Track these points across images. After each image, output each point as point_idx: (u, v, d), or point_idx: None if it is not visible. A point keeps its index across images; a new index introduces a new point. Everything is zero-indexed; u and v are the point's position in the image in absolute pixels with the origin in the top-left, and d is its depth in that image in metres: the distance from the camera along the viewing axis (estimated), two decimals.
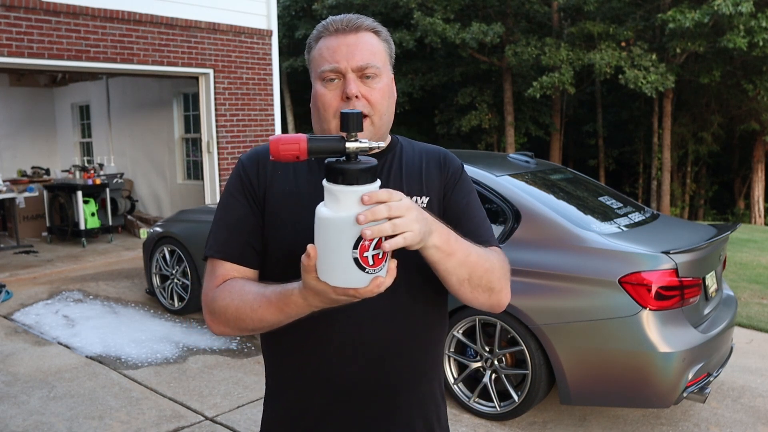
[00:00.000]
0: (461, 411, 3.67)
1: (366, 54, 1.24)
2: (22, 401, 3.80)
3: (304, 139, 0.98)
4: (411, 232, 0.99)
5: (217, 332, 1.26)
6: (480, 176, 3.82)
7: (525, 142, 18.58)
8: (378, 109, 1.26)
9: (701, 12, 12.57)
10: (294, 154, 0.97)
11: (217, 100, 8.13)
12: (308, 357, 1.28)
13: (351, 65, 1.23)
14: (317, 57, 1.27)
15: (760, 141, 17.29)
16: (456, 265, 1.14)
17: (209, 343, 4.83)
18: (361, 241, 0.95)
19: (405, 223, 0.98)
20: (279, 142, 0.97)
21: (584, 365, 3.29)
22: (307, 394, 1.29)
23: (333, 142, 0.99)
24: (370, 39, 1.27)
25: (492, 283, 1.22)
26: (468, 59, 17.38)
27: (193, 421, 3.58)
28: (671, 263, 3.21)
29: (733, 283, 6.53)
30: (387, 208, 0.96)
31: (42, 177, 10.50)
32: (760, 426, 3.56)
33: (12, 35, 6.26)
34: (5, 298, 5.92)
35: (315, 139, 0.99)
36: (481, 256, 1.20)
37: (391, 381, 1.28)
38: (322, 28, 1.29)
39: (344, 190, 0.96)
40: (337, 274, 0.98)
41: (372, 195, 0.96)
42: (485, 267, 1.20)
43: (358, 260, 0.96)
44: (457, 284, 1.18)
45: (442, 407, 1.41)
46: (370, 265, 0.98)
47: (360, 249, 0.96)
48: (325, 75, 1.25)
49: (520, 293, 3.42)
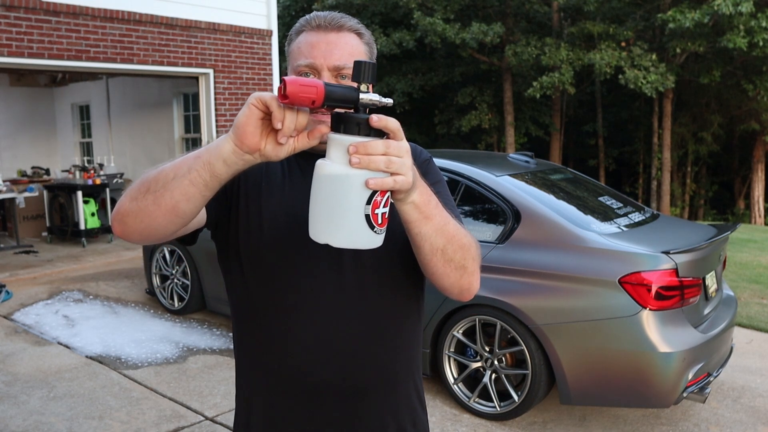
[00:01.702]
0: (461, 411, 3.67)
1: (345, 54, 1.21)
2: (22, 401, 3.80)
3: (321, 85, 0.93)
4: (404, 177, 0.95)
5: (114, 212, 1.10)
6: (480, 176, 3.82)
7: (525, 142, 18.56)
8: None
9: (701, 12, 12.56)
10: (311, 98, 0.92)
11: (217, 100, 8.13)
12: (276, 359, 1.25)
13: (327, 63, 1.20)
14: (295, 51, 1.24)
15: (760, 141, 17.29)
16: (432, 231, 1.08)
17: (209, 343, 4.83)
18: (375, 196, 0.93)
19: (400, 164, 0.94)
20: (297, 83, 0.91)
21: (584, 365, 3.29)
22: (276, 397, 1.27)
23: (349, 91, 0.96)
24: (351, 40, 1.23)
25: (466, 261, 1.15)
26: (468, 59, 17.37)
27: (193, 421, 3.58)
28: (671, 263, 3.21)
29: (733, 283, 6.53)
30: (384, 144, 0.93)
31: (42, 177, 10.50)
32: (760, 426, 3.56)
33: (12, 35, 6.26)
34: (5, 298, 5.92)
35: (331, 86, 0.95)
36: (459, 230, 1.13)
37: (359, 384, 1.25)
38: (305, 22, 1.26)
39: (360, 141, 0.93)
40: (344, 233, 0.95)
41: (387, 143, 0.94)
42: (462, 242, 1.14)
43: (369, 217, 0.93)
44: (430, 253, 1.11)
45: (419, 414, 1.36)
46: (379, 224, 0.95)
47: (372, 204, 0.93)
48: (300, 70, 1.22)
49: (520, 293, 3.42)
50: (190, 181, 1.01)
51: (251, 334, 1.29)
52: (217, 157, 0.99)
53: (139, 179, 1.08)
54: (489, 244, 3.60)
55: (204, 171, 1.00)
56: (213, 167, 0.99)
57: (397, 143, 0.95)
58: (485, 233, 3.68)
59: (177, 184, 1.01)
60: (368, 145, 0.92)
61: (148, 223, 1.06)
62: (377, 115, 0.94)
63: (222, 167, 0.99)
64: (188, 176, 1.01)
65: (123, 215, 1.08)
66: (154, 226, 1.07)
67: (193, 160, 1.01)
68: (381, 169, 0.93)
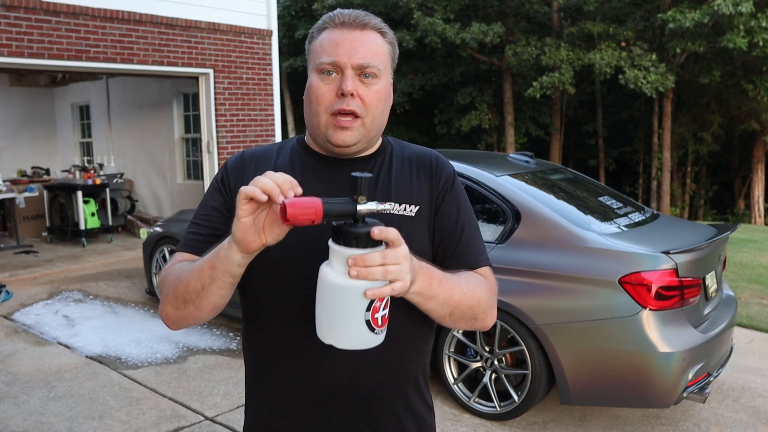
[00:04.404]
0: (461, 411, 3.67)
1: (369, 53, 1.20)
2: (22, 401, 3.80)
3: (320, 204, 0.98)
4: (401, 282, 1.00)
5: (163, 316, 1.21)
6: (480, 176, 3.82)
7: (525, 142, 18.57)
8: (371, 111, 1.21)
9: (701, 12, 12.57)
10: (310, 217, 0.98)
11: (217, 100, 8.13)
12: (286, 365, 1.24)
13: (351, 62, 1.18)
14: (317, 48, 1.22)
15: (760, 141, 17.29)
16: (436, 306, 1.15)
17: (209, 343, 4.83)
18: (374, 302, 0.99)
19: (398, 272, 0.99)
20: (296, 205, 0.97)
21: (584, 365, 3.29)
22: (286, 402, 1.26)
23: (346, 206, 1.01)
24: (375, 39, 1.22)
25: (476, 315, 1.23)
26: (468, 59, 17.38)
27: (193, 421, 3.58)
28: (671, 263, 3.21)
29: (733, 283, 6.53)
30: (382, 255, 0.97)
31: (42, 177, 10.50)
32: (760, 426, 3.56)
33: (12, 35, 6.26)
34: (5, 298, 5.92)
35: (329, 203, 1.00)
36: (465, 293, 1.19)
37: (370, 390, 1.24)
38: (328, 19, 1.23)
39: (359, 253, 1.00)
40: (347, 337, 1.02)
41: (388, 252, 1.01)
42: (469, 303, 1.20)
43: (369, 322, 1.00)
44: (438, 319, 1.20)
45: (427, 419, 1.35)
46: (379, 326, 1.02)
47: (372, 310, 1.00)
48: (323, 67, 1.20)
49: (520, 293, 3.42)
50: (219, 287, 1.10)
51: (262, 339, 1.28)
52: (231, 265, 1.06)
53: (168, 288, 1.19)
54: (489, 244, 3.60)
55: (225, 277, 1.08)
56: (231, 272, 1.08)
57: (395, 251, 0.99)
58: (485, 233, 3.67)
59: (208, 293, 1.11)
60: (366, 258, 0.97)
61: (196, 320, 1.20)
62: (378, 227, 0.98)
63: (238, 269, 1.08)
64: (215, 284, 1.10)
65: (175, 321, 1.21)
66: (202, 320, 1.20)
67: (210, 270, 1.09)
68: (378, 278, 0.97)
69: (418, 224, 1.27)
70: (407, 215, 1.26)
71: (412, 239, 1.24)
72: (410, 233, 1.25)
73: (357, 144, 1.23)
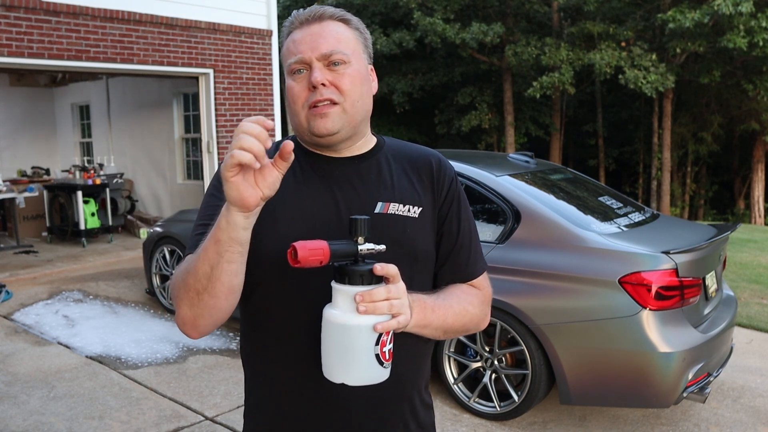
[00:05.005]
0: (461, 411, 3.67)
1: (330, 41, 1.20)
2: (22, 401, 3.80)
3: (327, 247, 1.05)
4: (405, 316, 1.07)
5: (180, 323, 1.16)
6: (480, 176, 3.82)
7: (525, 142, 18.56)
8: (349, 95, 1.20)
9: (701, 12, 12.56)
10: (319, 259, 1.04)
11: (217, 100, 8.13)
12: (288, 367, 1.23)
13: (315, 54, 1.19)
14: (285, 52, 1.24)
15: (760, 141, 17.28)
16: (431, 331, 1.21)
17: (209, 343, 4.83)
18: (381, 337, 1.05)
19: (401, 305, 1.06)
20: (306, 248, 1.03)
21: (584, 365, 3.29)
22: (290, 406, 1.25)
23: (349, 247, 1.07)
24: (335, 27, 1.23)
25: (468, 329, 1.31)
26: (468, 59, 17.37)
27: (193, 421, 3.58)
28: (671, 263, 3.21)
29: (733, 283, 6.53)
30: (386, 290, 1.04)
31: (42, 177, 10.50)
32: (760, 426, 3.56)
33: (12, 35, 6.26)
34: (5, 298, 5.92)
35: (335, 245, 1.06)
36: (457, 314, 1.25)
37: (373, 395, 1.21)
38: (289, 23, 1.26)
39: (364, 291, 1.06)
40: (358, 373, 1.06)
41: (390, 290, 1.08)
42: (462, 322, 1.27)
43: (378, 356, 1.06)
44: (432, 338, 1.27)
45: (425, 420, 1.35)
46: (387, 360, 1.07)
47: (380, 344, 1.05)
48: (292, 68, 1.21)
49: (520, 293, 3.42)
50: (228, 261, 1.07)
51: (265, 345, 1.26)
52: (235, 230, 1.04)
53: (178, 286, 1.15)
54: (489, 244, 3.60)
55: (232, 246, 1.06)
56: (237, 239, 1.05)
57: (396, 286, 1.07)
58: (485, 233, 3.67)
59: (219, 272, 1.07)
60: (372, 293, 1.04)
61: (215, 314, 1.14)
62: (380, 264, 1.05)
63: (243, 233, 1.06)
64: (223, 259, 1.06)
65: (193, 322, 1.15)
66: (222, 312, 1.14)
67: (215, 246, 1.06)
68: (385, 312, 1.05)
69: (421, 225, 1.27)
70: (411, 216, 1.26)
71: (416, 240, 1.25)
72: (414, 234, 1.25)
73: (341, 131, 1.22)
